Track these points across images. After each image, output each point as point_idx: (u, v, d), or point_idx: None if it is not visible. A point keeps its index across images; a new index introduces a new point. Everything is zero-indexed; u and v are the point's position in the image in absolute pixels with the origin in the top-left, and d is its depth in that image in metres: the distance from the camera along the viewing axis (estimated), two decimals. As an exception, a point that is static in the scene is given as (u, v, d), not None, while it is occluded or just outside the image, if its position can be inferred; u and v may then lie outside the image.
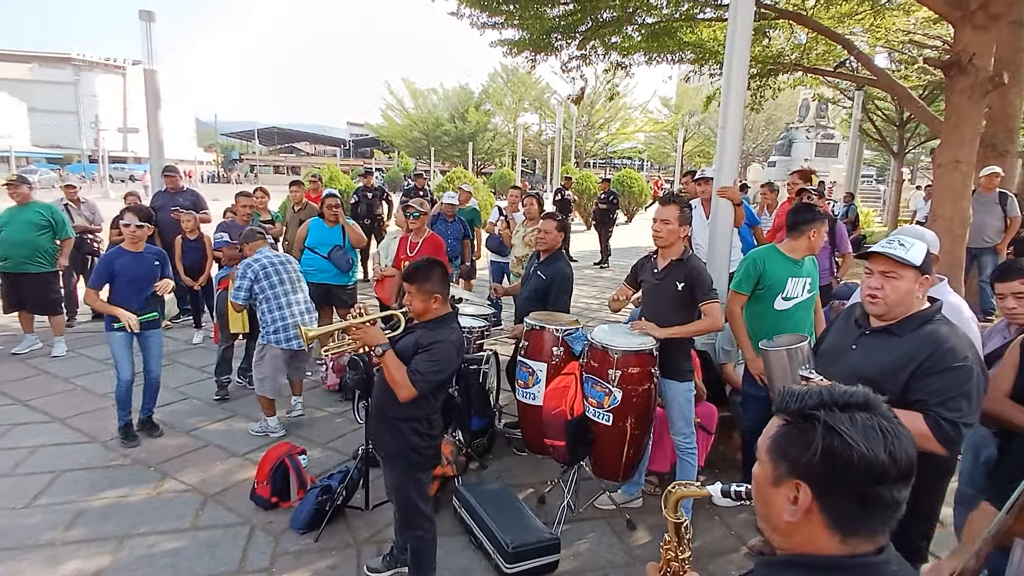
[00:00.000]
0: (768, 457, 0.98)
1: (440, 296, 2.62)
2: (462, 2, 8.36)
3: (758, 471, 1.01)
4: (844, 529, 0.93)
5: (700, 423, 3.63)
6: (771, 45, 10.38)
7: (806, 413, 0.94)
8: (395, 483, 2.73)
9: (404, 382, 2.45)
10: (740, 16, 4.07)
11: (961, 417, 1.95)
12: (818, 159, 24.08)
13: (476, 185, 15.20)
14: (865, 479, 0.90)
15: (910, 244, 2.07)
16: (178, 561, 3.06)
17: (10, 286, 6.05)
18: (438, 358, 2.50)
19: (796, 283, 3.38)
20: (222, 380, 5.17)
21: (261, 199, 6.96)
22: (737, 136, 4.29)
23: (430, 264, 2.65)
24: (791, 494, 0.94)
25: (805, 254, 3.40)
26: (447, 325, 2.63)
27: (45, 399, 5.00)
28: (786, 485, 0.95)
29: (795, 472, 0.93)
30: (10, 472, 3.86)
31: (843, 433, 0.90)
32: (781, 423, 0.98)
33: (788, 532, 0.97)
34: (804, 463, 0.92)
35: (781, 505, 0.96)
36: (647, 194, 21.75)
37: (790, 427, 0.96)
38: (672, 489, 1.33)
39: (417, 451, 2.64)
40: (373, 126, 53.78)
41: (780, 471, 0.96)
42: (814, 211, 3.43)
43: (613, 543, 3.34)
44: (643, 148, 54.42)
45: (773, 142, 37.23)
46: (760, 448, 1.01)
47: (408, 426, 2.61)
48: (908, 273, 2.05)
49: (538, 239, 4.26)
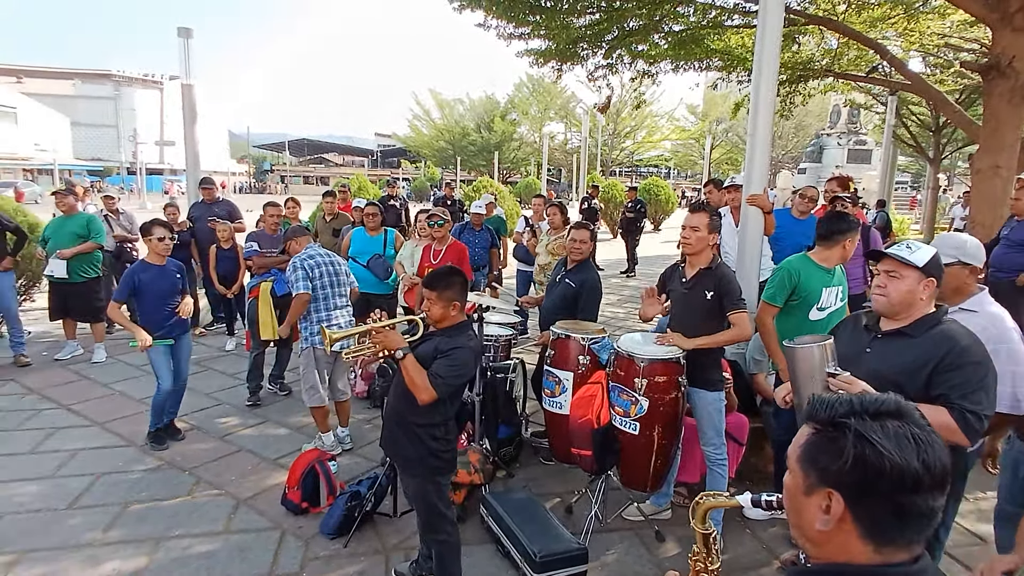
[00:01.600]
0: (799, 466, 0.97)
1: (459, 304, 2.66)
2: (488, 13, 8.44)
3: (789, 480, 1.00)
4: (878, 538, 0.91)
5: (731, 434, 3.58)
6: (801, 51, 10.24)
7: (837, 421, 0.93)
8: (416, 489, 2.75)
9: (425, 385, 2.49)
10: (769, 23, 4.04)
11: (982, 409, 2.03)
12: (850, 165, 23.66)
13: (502, 194, 15.27)
14: (899, 488, 0.88)
15: (916, 247, 2.18)
16: (211, 564, 3.13)
17: (56, 294, 6.28)
18: (457, 363, 2.54)
19: (830, 293, 3.35)
20: (253, 386, 5.27)
21: (292, 209, 7.11)
22: (766, 143, 4.24)
23: (451, 272, 2.71)
24: (823, 503, 0.93)
25: (838, 263, 3.36)
26: (464, 332, 2.67)
27: (86, 403, 5.17)
28: (818, 494, 0.94)
29: (827, 481, 0.92)
30: (53, 474, 3.99)
31: (875, 442, 0.88)
32: (811, 431, 0.97)
33: (821, 541, 0.96)
34: (835, 472, 0.91)
35: (813, 514, 0.94)
36: (674, 202, 21.61)
37: (820, 435, 0.95)
38: (700, 500, 1.33)
39: (436, 455, 2.67)
40: (400, 136, 54.46)
41: (811, 480, 0.95)
42: (848, 220, 3.38)
43: (641, 554, 3.31)
44: (670, 156, 54.05)
45: (803, 149, 36.69)
46: (790, 457, 1.00)
47: (427, 432, 2.64)
48: (910, 273, 2.14)
49: (573, 248, 4.26)
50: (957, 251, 2.57)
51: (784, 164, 41.60)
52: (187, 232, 7.06)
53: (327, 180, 49.89)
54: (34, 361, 6.13)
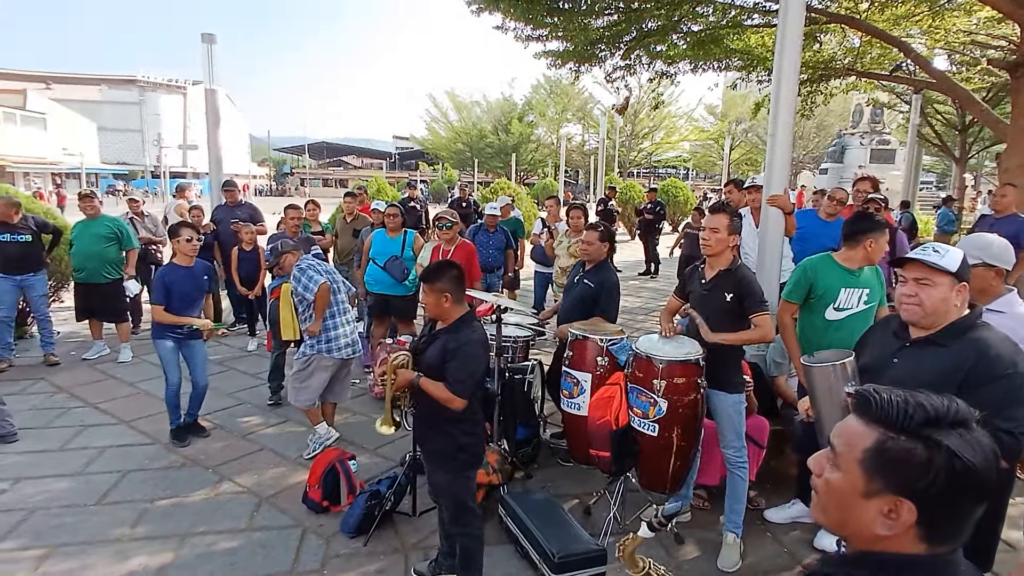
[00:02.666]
0: (860, 469, 0.93)
1: (450, 295, 2.68)
2: (506, 16, 8.48)
3: (840, 479, 0.96)
4: (936, 539, 0.92)
5: (751, 436, 3.55)
6: (822, 50, 10.13)
7: (918, 432, 0.89)
8: (445, 484, 2.79)
9: (447, 396, 2.57)
10: (790, 22, 4.00)
11: (1018, 427, 1.91)
12: (873, 165, 23.29)
13: (520, 196, 15.29)
14: (976, 499, 0.89)
15: (945, 251, 2.04)
16: (235, 560, 3.18)
17: (82, 295, 6.44)
18: (466, 359, 2.59)
19: (850, 293, 3.28)
20: (275, 386, 5.35)
21: (312, 211, 7.20)
22: (787, 143, 4.21)
23: (441, 266, 2.75)
24: (886, 508, 0.91)
25: (862, 264, 3.30)
26: (468, 325, 2.70)
27: (112, 402, 5.28)
28: (882, 499, 0.91)
29: (899, 490, 0.90)
30: (82, 471, 4.09)
31: (965, 459, 0.87)
32: (880, 436, 0.92)
33: (873, 540, 0.94)
34: (917, 484, 0.88)
35: (872, 517, 0.92)
36: (692, 203, 21.46)
37: (894, 443, 0.91)
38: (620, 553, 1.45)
39: (465, 450, 2.73)
40: (418, 139, 54.80)
41: (877, 485, 0.92)
42: (872, 220, 3.33)
43: (660, 556, 3.29)
44: (688, 157, 53.69)
45: (825, 149, 36.20)
46: (844, 455, 0.96)
47: (457, 428, 2.70)
48: (943, 280, 2.02)
49: (582, 250, 4.27)
50: (982, 252, 2.53)
51: (805, 164, 41.09)
52: (211, 234, 7.18)
53: (346, 182, 50.30)
54: (63, 360, 6.28)
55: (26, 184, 33.57)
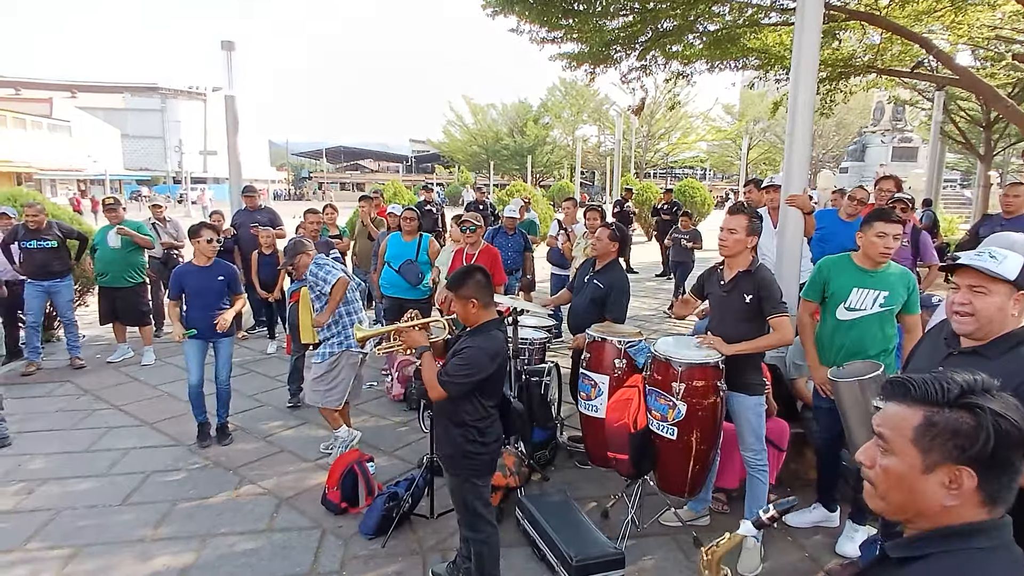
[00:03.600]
0: (914, 447, 0.99)
1: (477, 301, 2.66)
2: (521, 18, 8.50)
3: (897, 462, 1.01)
4: (995, 501, 0.98)
5: (771, 439, 3.51)
6: (841, 47, 10.00)
7: (961, 402, 0.97)
8: (453, 487, 2.82)
9: (431, 381, 2.60)
10: (808, 19, 3.96)
11: None
12: (895, 163, 22.91)
13: (535, 198, 15.29)
14: (1022, 454, 0.97)
15: (1002, 256, 1.87)
16: (255, 561, 3.22)
17: (106, 299, 6.57)
18: (466, 362, 2.57)
19: (863, 294, 3.17)
20: (294, 389, 5.40)
21: (330, 215, 7.27)
22: (806, 142, 4.16)
23: (468, 271, 2.74)
24: (947, 479, 0.97)
25: (868, 262, 3.20)
26: (485, 332, 2.67)
27: (136, 404, 5.37)
28: (942, 471, 0.97)
29: (955, 458, 0.96)
30: (106, 472, 4.17)
31: (1008, 417, 0.95)
32: (925, 412, 0.99)
33: (940, 513, 0.99)
34: (972, 449, 0.95)
35: (935, 491, 0.98)
36: (709, 204, 21.29)
37: (940, 416, 0.98)
38: (708, 555, 1.36)
39: (469, 457, 2.70)
40: (434, 142, 55.12)
41: (933, 459, 0.97)
42: (879, 211, 3.24)
43: (679, 560, 3.27)
44: (705, 157, 53.31)
45: (845, 147, 35.72)
46: (894, 439, 1.01)
47: (459, 432, 2.69)
48: (1000, 288, 1.86)
49: (593, 247, 4.28)
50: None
51: (825, 163, 40.57)
52: (231, 238, 7.28)
53: (363, 186, 50.84)
54: (88, 364, 6.41)
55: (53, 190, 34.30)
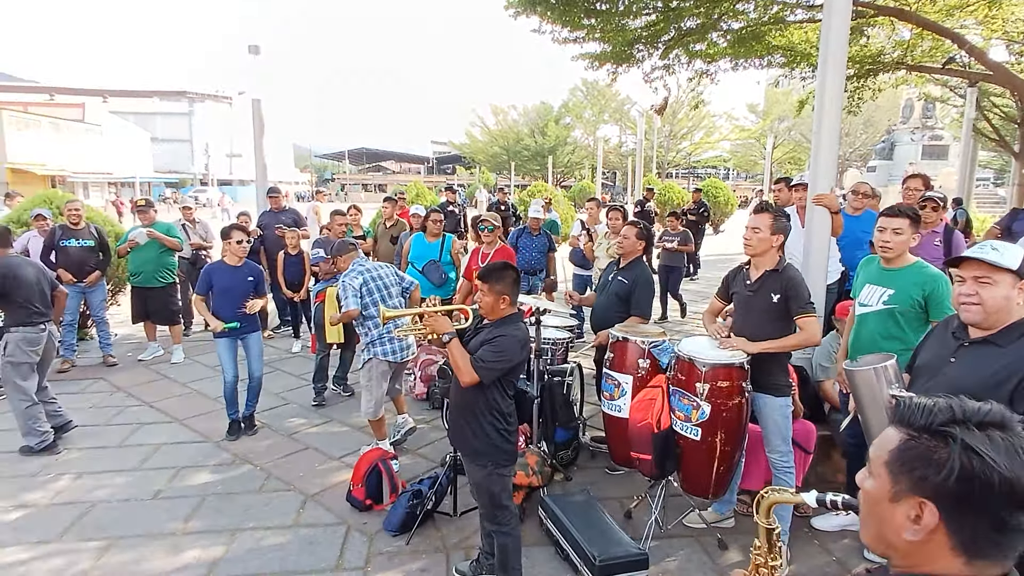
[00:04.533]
0: (886, 471, 0.92)
1: (508, 298, 2.76)
2: (544, 18, 8.50)
3: (872, 485, 0.95)
4: (972, 552, 0.87)
5: (797, 442, 3.46)
6: (870, 44, 9.82)
7: (937, 429, 0.88)
8: (479, 480, 2.82)
9: (467, 368, 2.63)
10: (835, 16, 3.90)
11: None
12: (925, 162, 22.38)
13: (556, 198, 15.28)
14: (1006, 504, 0.84)
15: (1004, 248, 2.02)
16: (283, 556, 3.27)
17: (137, 298, 6.73)
18: (501, 349, 2.65)
19: (871, 291, 3.22)
20: (319, 387, 5.48)
21: (354, 216, 7.36)
22: (833, 141, 4.10)
23: (505, 267, 2.83)
24: (912, 512, 0.89)
25: (883, 260, 3.20)
26: (512, 323, 2.78)
27: (166, 401, 5.50)
28: (907, 502, 0.89)
29: (921, 491, 0.88)
30: (139, 467, 4.27)
31: (983, 454, 0.83)
32: (904, 436, 0.91)
33: (907, 551, 0.92)
34: (935, 483, 0.86)
35: (900, 522, 0.90)
36: (733, 204, 21.08)
37: (916, 442, 0.90)
38: (765, 493, 1.33)
39: (498, 446, 2.77)
40: (456, 144, 55.34)
41: (901, 487, 0.90)
42: (892, 208, 3.25)
43: (704, 562, 3.24)
44: (728, 157, 52.69)
45: (873, 145, 35.03)
46: (875, 460, 0.95)
47: (488, 421, 2.74)
48: (1004, 278, 1.99)
49: (618, 245, 4.27)
50: None
51: (852, 162, 39.85)
52: (256, 239, 7.40)
53: (385, 187, 51.25)
54: (120, 361, 6.57)
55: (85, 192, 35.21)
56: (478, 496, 2.90)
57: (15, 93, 54.46)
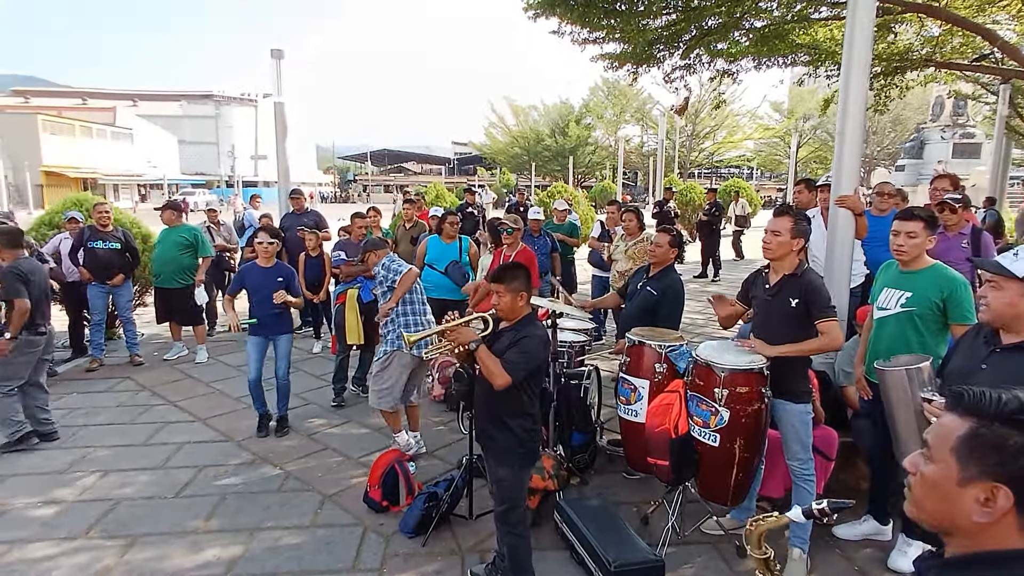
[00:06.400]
0: (954, 457, 0.97)
1: (525, 295, 2.81)
2: (563, 19, 8.47)
3: (935, 471, 0.99)
4: None
5: (819, 448, 3.40)
6: (897, 41, 9.60)
7: (1011, 418, 0.93)
8: (503, 478, 2.84)
9: (499, 371, 2.65)
10: (860, 13, 3.82)
11: None
12: (956, 161, 21.83)
13: (577, 199, 15.22)
14: None
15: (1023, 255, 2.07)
16: (300, 555, 3.31)
17: (160, 299, 6.88)
18: (527, 349, 2.70)
19: (890, 295, 3.17)
20: (338, 388, 5.53)
21: (374, 218, 7.41)
22: (857, 141, 4.01)
23: (516, 266, 2.90)
24: (982, 495, 0.94)
25: (901, 263, 3.14)
26: (532, 323, 2.83)
27: (190, 401, 5.60)
28: (977, 486, 0.94)
29: (995, 475, 0.93)
30: (162, 465, 4.36)
31: None
32: (972, 424, 0.96)
33: (975, 532, 0.96)
34: (1012, 469, 0.92)
35: (969, 506, 0.95)
36: (757, 204, 20.78)
37: (986, 429, 0.94)
38: (752, 527, 1.35)
39: (524, 446, 2.82)
40: (476, 144, 55.49)
41: (971, 472, 0.95)
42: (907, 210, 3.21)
43: (722, 570, 3.20)
44: (752, 156, 52.00)
45: (901, 144, 34.28)
46: (937, 447, 0.99)
47: (517, 423, 2.79)
48: (1011, 284, 2.06)
49: (650, 253, 4.21)
50: None
51: (880, 161, 39.05)
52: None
53: (406, 188, 51.64)
54: (146, 361, 6.71)
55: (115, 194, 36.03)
56: (497, 494, 2.91)
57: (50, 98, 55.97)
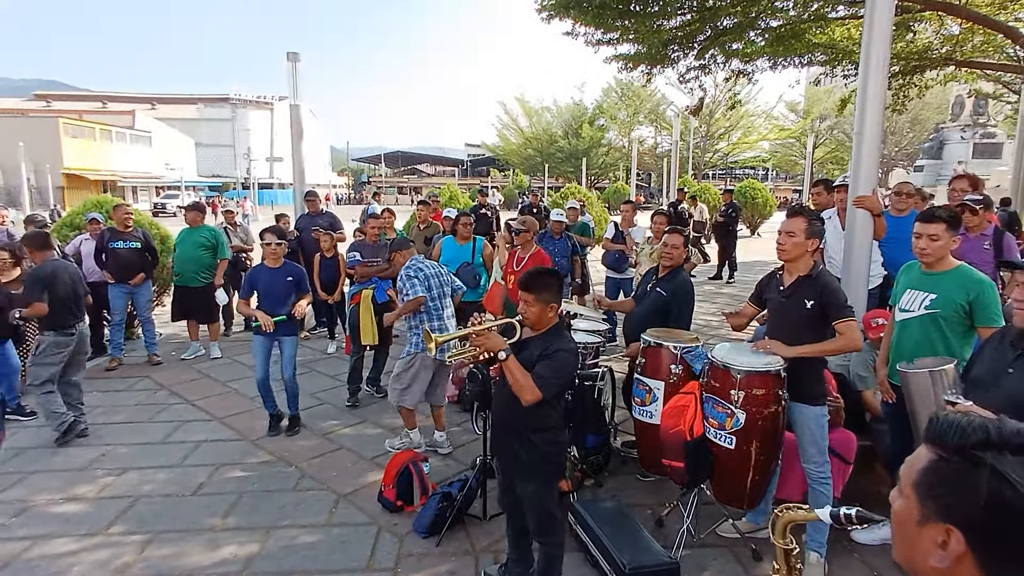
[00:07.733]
0: (914, 493, 0.86)
1: (556, 306, 2.66)
2: (577, 21, 8.46)
3: (901, 506, 0.89)
4: None
5: (836, 451, 3.36)
6: (916, 39, 9.47)
7: (969, 453, 0.81)
8: (532, 493, 2.71)
9: (530, 385, 2.48)
10: (878, 11, 3.78)
11: None
12: (976, 161, 21.47)
13: (590, 200, 15.18)
14: None
15: None
16: (315, 554, 3.33)
17: (179, 298, 6.99)
18: (560, 363, 2.55)
19: (913, 296, 3.09)
20: (353, 388, 5.56)
21: (388, 219, 7.46)
22: (875, 141, 3.97)
23: (548, 273, 2.72)
24: (939, 538, 0.83)
25: (923, 264, 3.08)
26: (562, 335, 2.69)
27: (207, 400, 5.66)
28: (933, 527, 0.83)
29: (947, 516, 0.82)
30: (180, 463, 4.41)
31: (1015, 482, 0.77)
32: (934, 456, 0.85)
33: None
34: (962, 510, 0.81)
35: (927, 548, 0.84)
36: (772, 205, 20.59)
37: (945, 464, 0.83)
38: (780, 513, 1.30)
39: (550, 461, 2.69)
40: (489, 146, 55.54)
41: (927, 511, 0.84)
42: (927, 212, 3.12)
43: (737, 572, 3.17)
44: (768, 157, 51.57)
45: (920, 144, 33.81)
46: (904, 479, 0.89)
47: (541, 437, 2.64)
48: None
49: (664, 254, 4.19)
50: None
51: (898, 162, 38.55)
52: (294, 241, 7.57)
53: (420, 190, 51.80)
54: (164, 360, 6.80)
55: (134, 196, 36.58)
56: (529, 512, 2.76)
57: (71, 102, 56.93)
